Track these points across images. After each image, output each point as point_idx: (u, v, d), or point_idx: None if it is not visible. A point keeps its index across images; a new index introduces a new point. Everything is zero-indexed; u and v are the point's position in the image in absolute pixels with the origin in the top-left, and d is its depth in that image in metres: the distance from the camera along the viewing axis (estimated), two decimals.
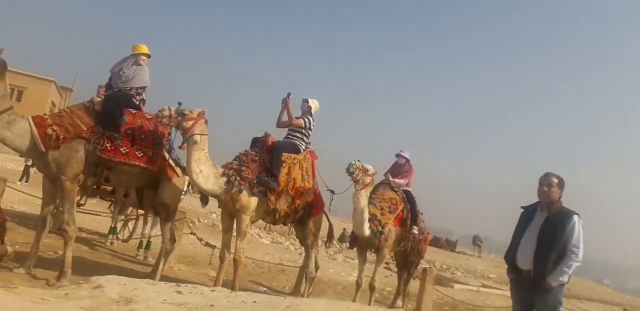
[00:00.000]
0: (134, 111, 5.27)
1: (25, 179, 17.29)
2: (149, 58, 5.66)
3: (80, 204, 7.38)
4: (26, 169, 17.66)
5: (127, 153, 5.02)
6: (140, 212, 8.11)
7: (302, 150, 6.09)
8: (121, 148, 4.98)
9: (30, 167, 16.90)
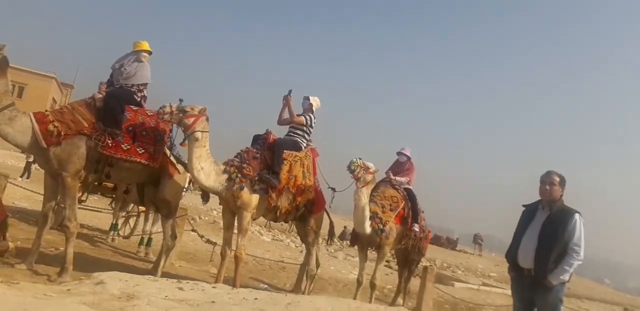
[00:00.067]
0: (135, 108, 5.27)
1: (27, 175, 17.33)
2: (150, 55, 5.65)
3: (82, 200, 7.39)
4: (27, 165, 17.70)
5: (128, 149, 5.01)
6: (142, 208, 8.12)
7: (303, 148, 6.08)
8: (122, 145, 4.98)
9: (32, 163, 16.94)
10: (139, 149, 5.09)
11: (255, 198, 5.38)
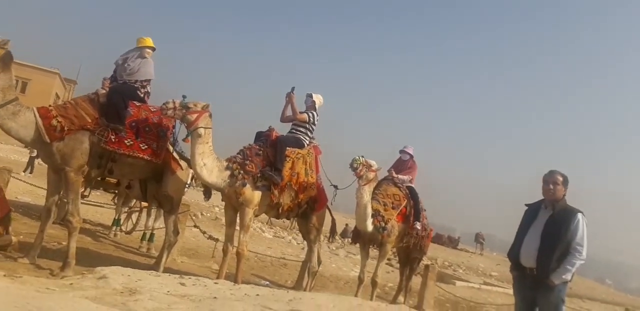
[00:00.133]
0: (138, 104, 5.28)
1: (30, 170, 17.38)
2: (153, 51, 5.64)
3: (84, 195, 7.41)
4: (31, 160, 17.75)
5: (131, 145, 5.02)
6: (144, 204, 8.14)
7: (306, 145, 6.07)
8: (125, 141, 4.98)
9: (35, 158, 16.99)
10: (142, 145, 5.10)
11: (257, 195, 5.38)
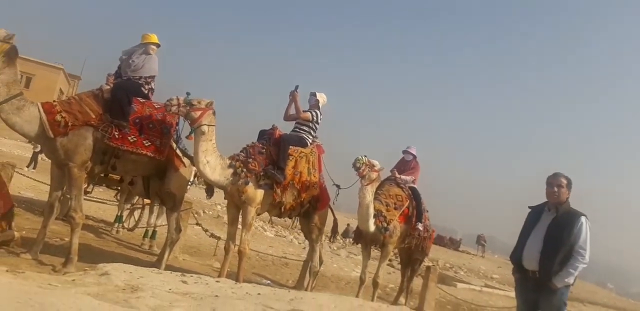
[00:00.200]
0: (142, 100, 5.27)
1: (33, 166, 17.42)
2: (158, 47, 5.65)
3: (87, 192, 7.42)
4: (34, 156, 17.79)
5: (134, 142, 5.01)
6: (147, 201, 8.14)
7: (309, 144, 6.06)
8: (129, 137, 4.98)
9: (38, 153, 17.03)
10: (145, 141, 5.09)
11: (260, 194, 5.37)
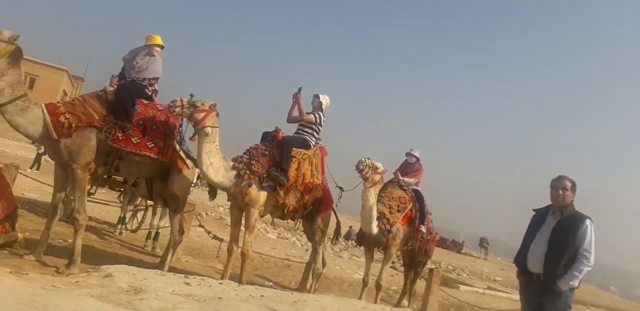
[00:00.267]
0: (146, 102, 5.28)
1: (37, 167, 17.47)
2: (162, 49, 5.65)
3: (90, 193, 7.43)
4: (38, 157, 17.84)
5: (138, 143, 5.02)
6: (150, 202, 8.15)
7: (312, 146, 6.05)
8: (132, 139, 4.98)
9: (42, 154, 17.07)
10: (148, 143, 5.10)
11: (263, 195, 5.37)
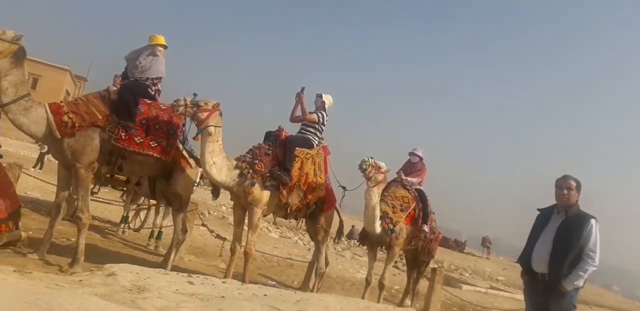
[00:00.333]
0: (149, 101, 5.28)
1: (40, 166, 17.50)
2: (165, 49, 5.66)
3: (93, 192, 7.44)
4: (41, 156, 17.87)
5: (141, 143, 5.02)
6: (152, 202, 8.16)
7: (315, 145, 6.06)
8: (135, 138, 4.98)
9: (45, 154, 17.10)
10: (151, 142, 5.10)
11: (266, 195, 5.37)
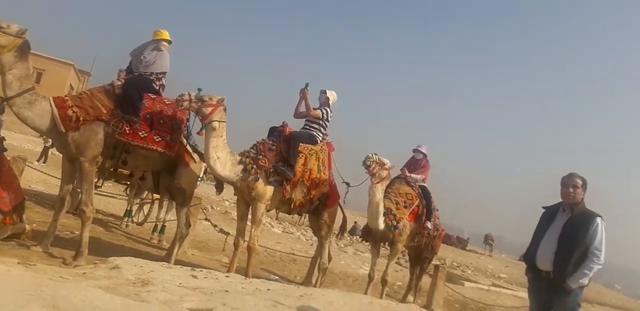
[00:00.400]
0: (153, 96, 5.28)
1: (44, 160, 17.58)
2: (170, 44, 5.65)
3: (97, 186, 7.46)
4: (45, 150, 17.94)
5: (145, 137, 5.03)
6: (156, 196, 8.17)
7: (319, 141, 6.05)
8: (140, 132, 4.99)
9: (49, 147, 17.16)
10: (156, 137, 5.10)
11: (269, 190, 5.37)
